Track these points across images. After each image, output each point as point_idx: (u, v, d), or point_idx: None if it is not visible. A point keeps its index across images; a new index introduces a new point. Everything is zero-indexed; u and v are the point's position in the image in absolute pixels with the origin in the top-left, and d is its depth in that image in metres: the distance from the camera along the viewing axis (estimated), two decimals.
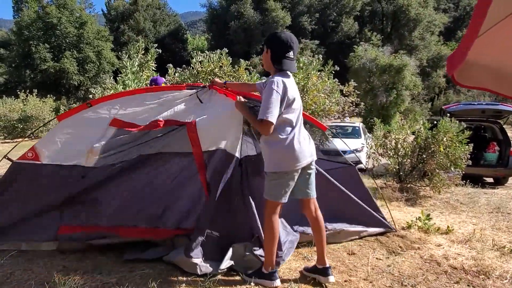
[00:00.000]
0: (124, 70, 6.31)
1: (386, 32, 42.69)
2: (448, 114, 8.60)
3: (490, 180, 9.66)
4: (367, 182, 5.39)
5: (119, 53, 6.85)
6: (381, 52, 26.60)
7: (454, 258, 3.45)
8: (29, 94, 16.55)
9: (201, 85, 3.41)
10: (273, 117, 2.49)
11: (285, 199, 2.70)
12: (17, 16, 37.05)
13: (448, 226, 4.30)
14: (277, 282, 2.70)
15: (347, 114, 7.25)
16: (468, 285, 2.92)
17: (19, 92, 16.94)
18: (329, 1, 42.84)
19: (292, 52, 2.66)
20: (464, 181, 7.39)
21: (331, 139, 5.17)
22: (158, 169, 3.39)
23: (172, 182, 3.41)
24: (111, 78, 6.17)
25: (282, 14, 39.31)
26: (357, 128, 12.80)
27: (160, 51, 7.07)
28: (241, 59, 6.99)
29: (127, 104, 3.28)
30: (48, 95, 18.60)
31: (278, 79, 2.58)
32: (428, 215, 4.40)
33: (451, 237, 4.08)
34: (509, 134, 9.62)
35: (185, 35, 50.29)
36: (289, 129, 2.64)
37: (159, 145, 3.32)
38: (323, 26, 43.20)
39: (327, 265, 2.80)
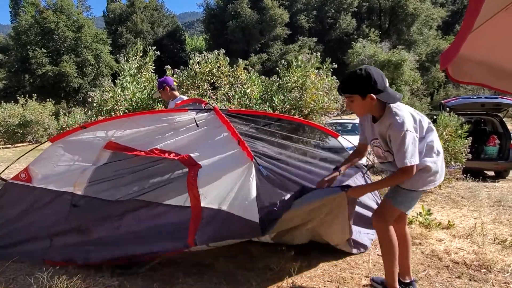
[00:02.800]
0: (122, 72, 6.31)
1: (384, 27, 42.67)
2: (448, 109, 8.61)
3: (491, 173, 9.65)
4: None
5: (117, 55, 6.83)
6: (379, 48, 26.63)
7: (456, 253, 3.45)
8: (28, 99, 16.58)
9: (204, 103, 3.27)
10: (414, 159, 2.24)
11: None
12: (15, 21, 37.12)
13: (449, 221, 4.30)
14: None
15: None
16: (470, 279, 2.92)
17: (18, 97, 16.96)
18: None
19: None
20: (465, 175, 7.38)
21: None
22: (153, 218, 3.03)
23: (167, 230, 2.99)
24: (110, 81, 6.16)
25: (280, 12, 39.32)
26: (357, 124, 12.83)
27: (158, 53, 7.06)
28: (239, 59, 6.99)
29: (124, 127, 3.15)
30: (48, 99, 18.61)
31: (400, 115, 2.28)
32: (429, 210, 4.41)
33: (452, 231, 4.09)
34: (509, 127, 9.60)
35: (183, 36, 50.32)
36: (435, 152, 2.45)
37: (156, 192, 3.03)
38: (321, 23, 43.17)
39: (413, 279, 2.74)
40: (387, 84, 2.31)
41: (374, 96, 2.27)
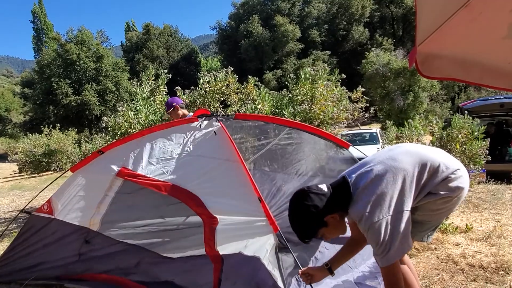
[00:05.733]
0: (136, 96, 6.53)
1: (398, 35, 42.43)
2: (466, 112, 8.45)
3: None
4: None
5: (132, 80, 7.07)
6: (393, 56, 26.42)
7: (472, 256, 3.36)
8: (52, 129, 17.19)
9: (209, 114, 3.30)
10: (394, 254, 1.75)
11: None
12: (38, 56, 38.89)
13: (467, 225, 4.18)
14: None
15: (358, 123, 7.24)
16: (486, 282, 2.84)
17: (42, 128, 17.60)
18: (337, 11, 43.02)
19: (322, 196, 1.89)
20: (487, 178, 7.17)
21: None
22: (172, 270, 2.99)
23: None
24: (124, 105, 6.37)
25: (291, 28, 39.72)
26: (374, 134, 12.74)
27: (170, 76, 7.29)
28: (249, 76, 7.11)
29: (138, 148, 3.19)
30: (71, 128, 19.25)
31: (358, 203, 1.84)
32: None
33: (470, 235, 3.97)
34: None
35: (198, 58, 51.38)
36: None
37: (172, 245, 3.03)
38: (333, 36, 43.31)
39: None
40: (325, 189, 1.92)
41: (330, 215, 1.88)
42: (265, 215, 2.68)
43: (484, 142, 6.41)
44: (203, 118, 3.27)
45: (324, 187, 1.92)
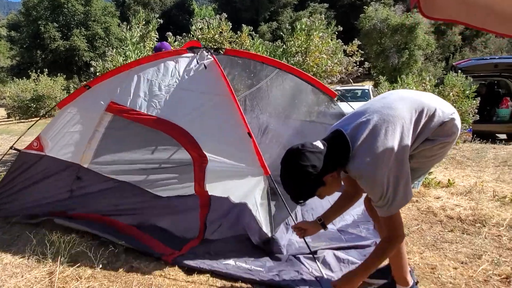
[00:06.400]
0: (125, 41, 6.33)
1: None
2: (460, 71, 8.40)
3: (504, 136, 9.48)
4: None
5: (121, 25, 6.82)
6: (392, 11, 25.71)
7: (452, 209, 3.48)
8: (40, 74, 16.74)
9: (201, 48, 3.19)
10: (398, 204, 1.75)
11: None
12: None
13: (449, 180, 4.30)
14: None
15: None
16: (462, 233, 2.97)
17: (30, 73, 17.12)
18: None
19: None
20: (472, 137, 7.29)
21: (338, 103, 5.12)
22: (161, 209, 3.05)
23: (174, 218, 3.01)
24: (113, 50, 6.17)
25: None
26: (366, 91, 12.70)
27: (161, 21, 7.03)
28: (243, 25, 6.90)
29: (126, 81, 3.11)
30: (59, 74, 18.75)
31: (358, 158, 1.76)
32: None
33: (452, 190, 4.10)
34: None
35: (191, 6, 49.41)
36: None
37: (162, 183, 3.06)
38: None
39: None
40: (320, 146, 1.78)
41: (329, 174, 1.77)
42: (257, 158, 2.68)
43: (474, 101, 6.45)
44: (194, 51, 3.18)
45: (319, 144, 1.78)
